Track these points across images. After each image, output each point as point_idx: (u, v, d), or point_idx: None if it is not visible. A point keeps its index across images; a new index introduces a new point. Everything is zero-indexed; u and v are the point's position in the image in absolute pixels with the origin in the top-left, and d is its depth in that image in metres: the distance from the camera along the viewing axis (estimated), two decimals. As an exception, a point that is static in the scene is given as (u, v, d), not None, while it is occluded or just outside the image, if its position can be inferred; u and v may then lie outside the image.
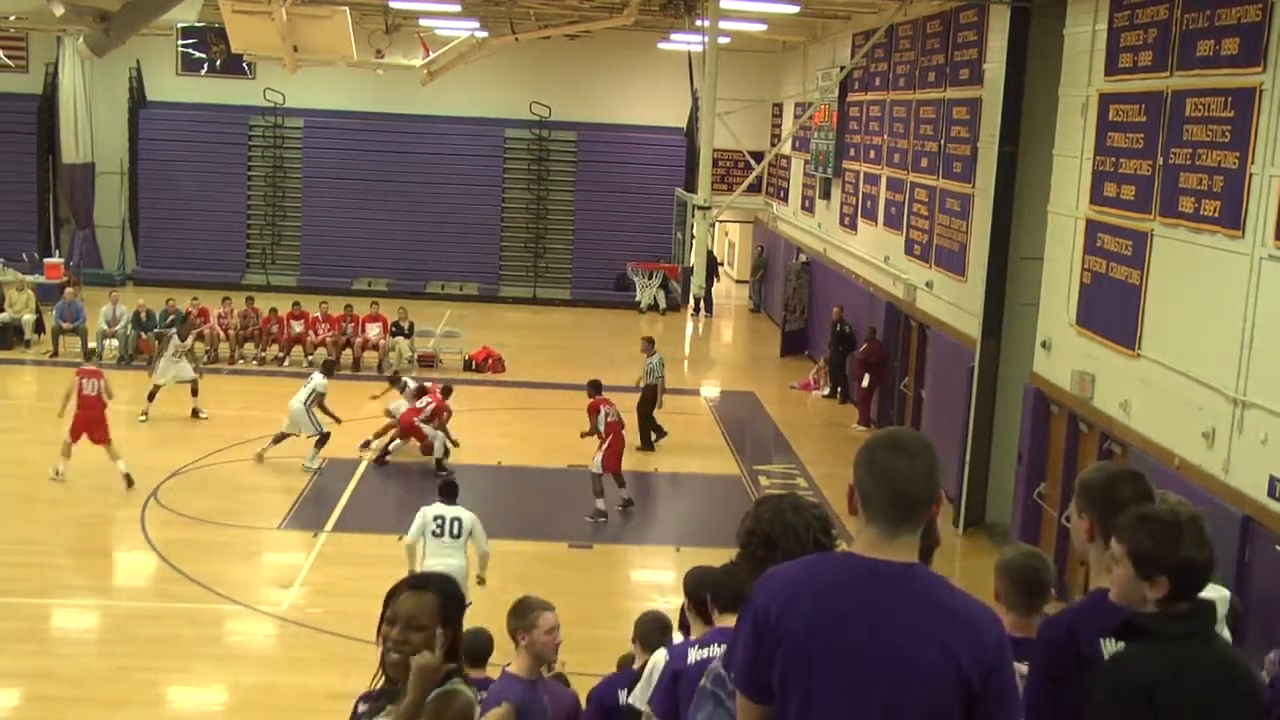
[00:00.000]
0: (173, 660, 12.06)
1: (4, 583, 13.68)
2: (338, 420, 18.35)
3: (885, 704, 3.20)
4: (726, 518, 7.85)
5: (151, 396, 20.43)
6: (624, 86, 34.03)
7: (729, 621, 5.30)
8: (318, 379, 18.42)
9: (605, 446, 16.70)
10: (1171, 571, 3.74)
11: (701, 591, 5.50)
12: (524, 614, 6.82)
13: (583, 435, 17.57)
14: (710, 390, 25.47)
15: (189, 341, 21.58)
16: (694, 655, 5.20)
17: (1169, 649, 3.67)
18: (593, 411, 17.22)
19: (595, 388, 17.57)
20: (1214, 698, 3.64)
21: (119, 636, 12.75)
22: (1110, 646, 3.82)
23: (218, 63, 32.61)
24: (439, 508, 12.23)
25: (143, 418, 20.20)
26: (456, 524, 12.11)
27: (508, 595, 7.31)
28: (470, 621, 8.71)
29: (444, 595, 4.08)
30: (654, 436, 20.26)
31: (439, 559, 11.76)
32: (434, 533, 12.09)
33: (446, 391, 18.97)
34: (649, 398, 20.10)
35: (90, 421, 16.78)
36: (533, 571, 14.54)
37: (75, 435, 16.73)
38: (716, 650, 5.08)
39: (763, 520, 4.00)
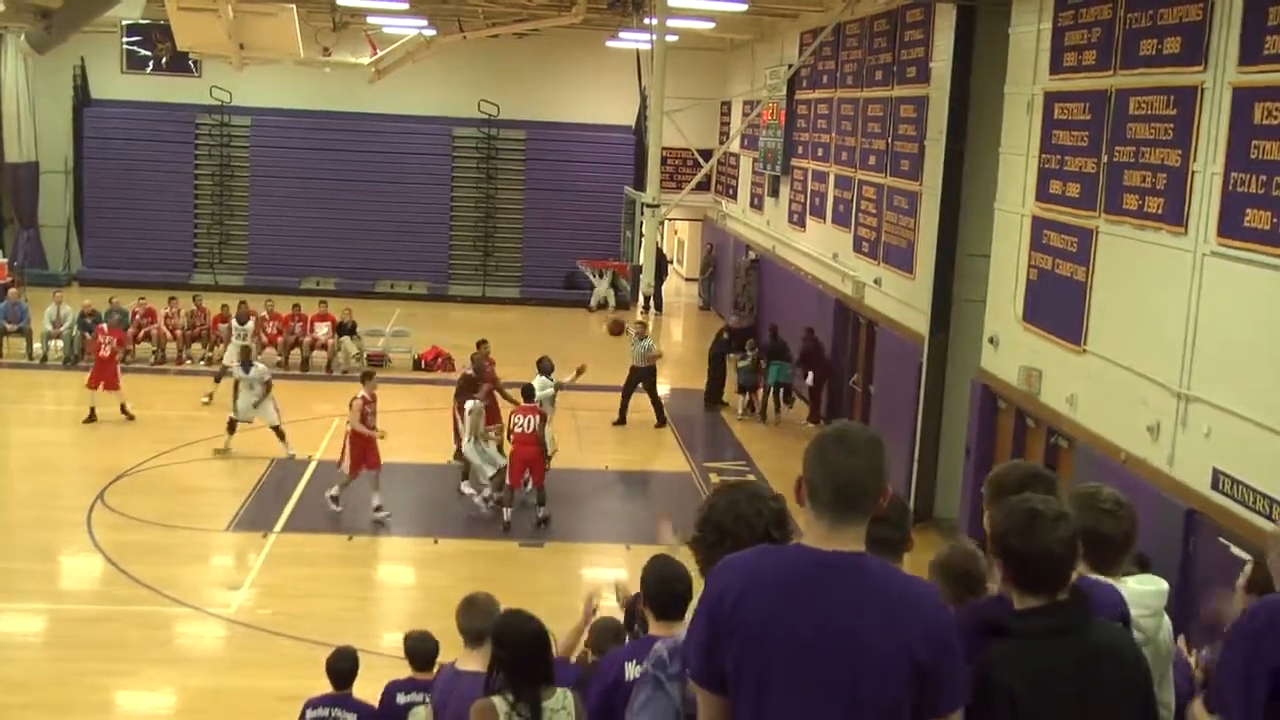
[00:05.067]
0: (120, 664, 11.92)
1: (-53, 588, 13.51)
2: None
3: (846, 696, 3.22)
4: (677, 515, 7.86)
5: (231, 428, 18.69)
6: (572, 85, 33.97)
7: (662, 630, 5.22)
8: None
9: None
10: (1007, 557, 3.68)
11: (645, 589, 5.42)
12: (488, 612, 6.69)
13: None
14: (660, 388, 25.48)
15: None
16: (631, 671, 5.16)
17: (1031, 647, 3.58)
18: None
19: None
20: (1082, 695, 3.57)
21: (65, 640, 12.59)
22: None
23: (163, 60, 32.09)
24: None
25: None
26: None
27: (458, 594, 7.26)
28: (419, 624, 8.66)
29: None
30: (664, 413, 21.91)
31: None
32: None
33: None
34: (646, 378, 21.58)
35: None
36: (484, 570, 14.54)
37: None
38: None
39: (717, 508, 3.99)
